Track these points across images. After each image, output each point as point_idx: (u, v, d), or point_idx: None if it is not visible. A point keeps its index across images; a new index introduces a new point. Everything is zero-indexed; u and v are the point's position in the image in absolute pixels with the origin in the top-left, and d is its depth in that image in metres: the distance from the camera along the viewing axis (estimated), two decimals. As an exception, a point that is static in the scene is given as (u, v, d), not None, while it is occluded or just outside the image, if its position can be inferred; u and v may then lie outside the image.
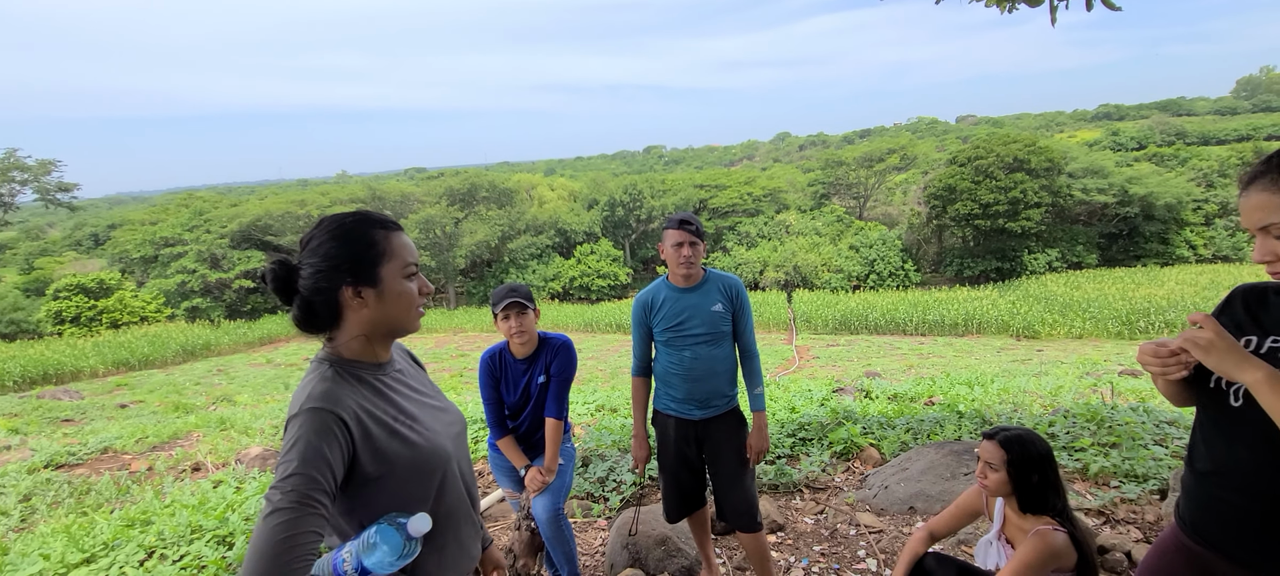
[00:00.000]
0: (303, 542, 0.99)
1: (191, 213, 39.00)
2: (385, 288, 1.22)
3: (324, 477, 1.05)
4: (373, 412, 1.18)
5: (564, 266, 39.57)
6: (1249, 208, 1.19)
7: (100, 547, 3.77)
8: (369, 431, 1.16)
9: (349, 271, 1.20)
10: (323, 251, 1.20)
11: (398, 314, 1.25)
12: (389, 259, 1.23)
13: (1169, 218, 35.22)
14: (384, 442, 1.18)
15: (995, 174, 34.26)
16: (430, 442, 1.25)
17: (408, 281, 1.25)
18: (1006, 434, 2.05)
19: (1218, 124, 58.84)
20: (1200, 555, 1.34)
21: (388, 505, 1.19)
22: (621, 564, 3.11)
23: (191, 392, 16.72)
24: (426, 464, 1.23)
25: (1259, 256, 1.19)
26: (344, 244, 1.20)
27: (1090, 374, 10.79)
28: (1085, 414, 4.82)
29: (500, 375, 2.79)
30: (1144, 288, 28.33)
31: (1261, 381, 1.12)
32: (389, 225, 1.26)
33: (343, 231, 1.22)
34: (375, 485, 1.17)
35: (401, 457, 1.19)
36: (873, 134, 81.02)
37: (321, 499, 1.04)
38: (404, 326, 1.28)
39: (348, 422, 1.13)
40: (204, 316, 33.90)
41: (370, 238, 1.22)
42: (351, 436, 1.13)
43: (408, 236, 1.29)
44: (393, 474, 1.18)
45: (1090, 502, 3.48)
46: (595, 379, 16.04)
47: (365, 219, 1.24)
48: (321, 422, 1.09)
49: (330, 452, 1.08)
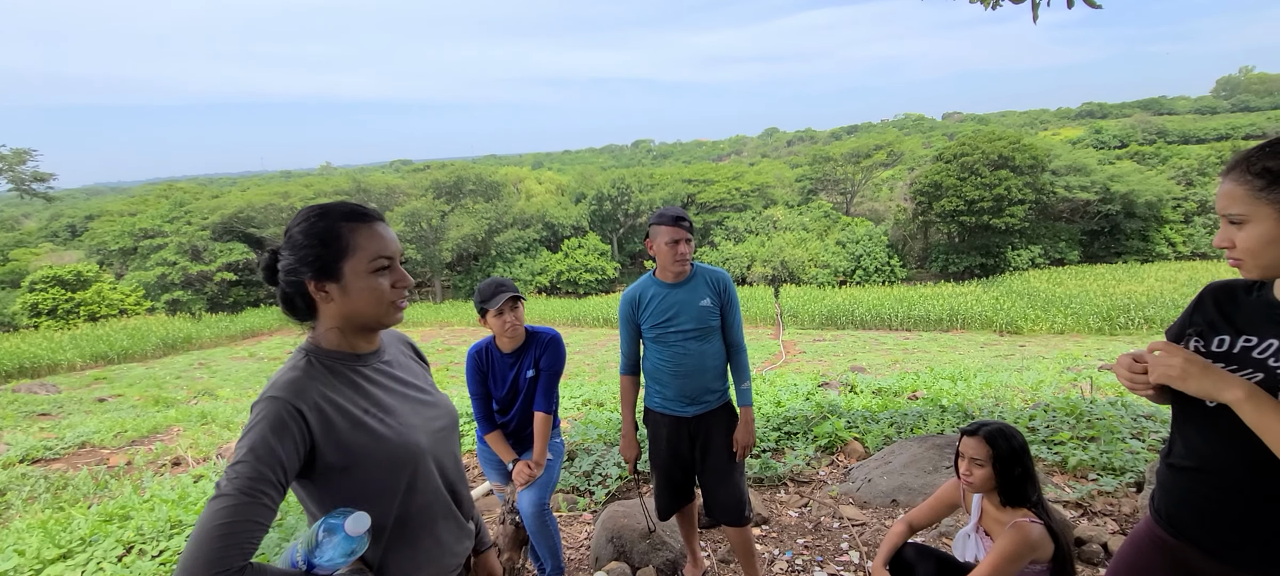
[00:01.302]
0: (240, 531, 0.99)
1: (171, 204, 38.35)
2: (348, 283, 1.20)
3: (270, 469, 1.05)
4: (340, 404, 1.18)
5: (551, 260, 39.46)
6: (1219, 194, 1.25)
7: (77, 543, 3.72)
8: (331, 423, 1.15)
9: (311, 266, 1.19)
10: (292, 244, 1.20)
11: (364, 309, 1.22)
12: (353, 253, 1.20)
13: (1149, 215, 35.81)
14: (346, 435, 1.17)
15: (980, 171, 34.61)
16: (400, 437, 1.23)
17: (377, 276, 1.22)
18: (988, 428, 2.06)
19: (1198, 123, 59.84)
20: (1174, 547, 1.36)
21: (355, 496, 1.19)
22: (607, 557, 3.11)
23: (172, 386, 16.49)
24: (394, 458, 1.22)
25: (1219, 241, 1.25)
26: (307, 238, 1.19)
27: (1070, 369, 10.95)
28: (1065, 408, 4.89)
29: (487, 370, 2.78)
30: (1124, 284, 28.81)
31: (1242, 399, 1.15)
32: (359, 216, 1.22)
33: (308, 225, 1.20)
34: (340, 476, 1.18)
35: (366, 450, 1.18)
36: (860, 130, 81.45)
37: (265, 489, 1.04)
38: (375, 321, 1.25)
39: (305, 414, 1.12)
40: (185, 309, 33.39)
41: (334, 232, 1.19)
42: (309, 428, 1.13)
43: (385, 227, 1.25)
44: (358, 466, 1.18)
45: (1068, 495, 3.53)
46: (582, 373, 16.03)
47: (331, 212, 1.21)
48: (276, 413, 1.10)
49: (280, 444, 1.08)
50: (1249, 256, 1.21)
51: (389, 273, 1.24)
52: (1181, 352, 1.23)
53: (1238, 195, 1.20)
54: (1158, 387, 1.33)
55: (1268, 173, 1.16)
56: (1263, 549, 1.23)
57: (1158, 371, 1.24)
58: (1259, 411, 1.13)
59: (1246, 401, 1.14)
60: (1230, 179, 1.22)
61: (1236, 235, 1.21)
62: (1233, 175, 1.22)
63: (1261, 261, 1.20)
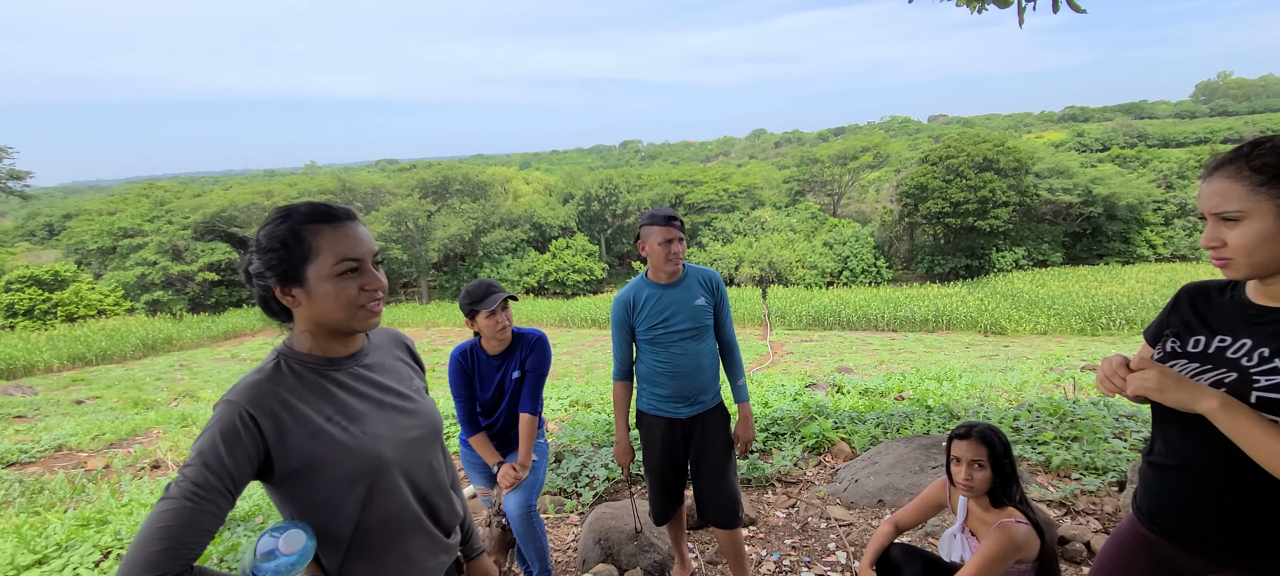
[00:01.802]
0: (181, 534, 0.99)
1: (152, 203, 37.79)
2: (312, 288, 1.16)
3: (216, 476, 1.04)
4: (300, 411, 1.15)
5: (539, 261, 39.34)
6: (1208, 192, 1.21)
7: (53, 549, 3.64)
8: (285, 431, 1.13)
9: (275, 272, 1.16)
10: (259, 250, 1.18)
11: (329, 313, 1.18)
12: (315, 257, 1.15)
13: (1130, 217, 36.40)
14: (301, 443, 1.14)
15: (965, 173, 35.00)
16: (362, 447, 1.19)
17: (342, 279, 1.16)
18: (979, 428, 2.07)
19: (1177, 127, 61.02)
20: (1156, 543, 1.38)
21: (314, 504, 1.17)
22: (594, 559, 3.10)
23: (152, 388, 16.25)
24: (354, 468, 1.18)
25: (1206, 241, 1.23)
26: (270, 242, 1.16)
27: (1054, 369, 11.09)
28: (1048, 408, 4.94)
29: (473, 372, 2.75)
30: (1106, 285, 29.26)
31: (1217, 410, 1.16)
32: (323, 217, 1.17)
33: (270, 228, 1.17)
34: (298, 483, 1.16)
35: (324, 459, 1.15)
36: (847, 132, 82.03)
37: (210, 495, 1.03)
38: (344, 325, 1.20)
39: (258, 420, 1.11)
40: (165, 310, 32.92)
41: (296, 235, 1.15)
42: (262, 434, 1.11)
43: (354, 227, 1.19)
44: (315, 474, 1.16)
45: (1052, 494, 3.57)
46: (569, 374, 15.99)
47: (294, 214, 1.17)
48: (228, 418, 1.09)
49: (229, 449, 1.07)
50: (1242, 254, 1.19)
51: (357, 275, 1.18)
52: (1156, 368, 1.23)
53: (1233, 192, 1.17)
54: None
55: (1268, 168, 1.14)
56: (1241, 544, 1.24)
57: (1135, 385, 1.25)
58: (1233, 421, 1.15)
59: (1220, 411, 1.16)
60: (1223, 176, 1.19)
61: (1228, 233, 1.19)
62: (1226, 171, 1.19)
63: (1255, 260, 1.18)
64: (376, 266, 1.22)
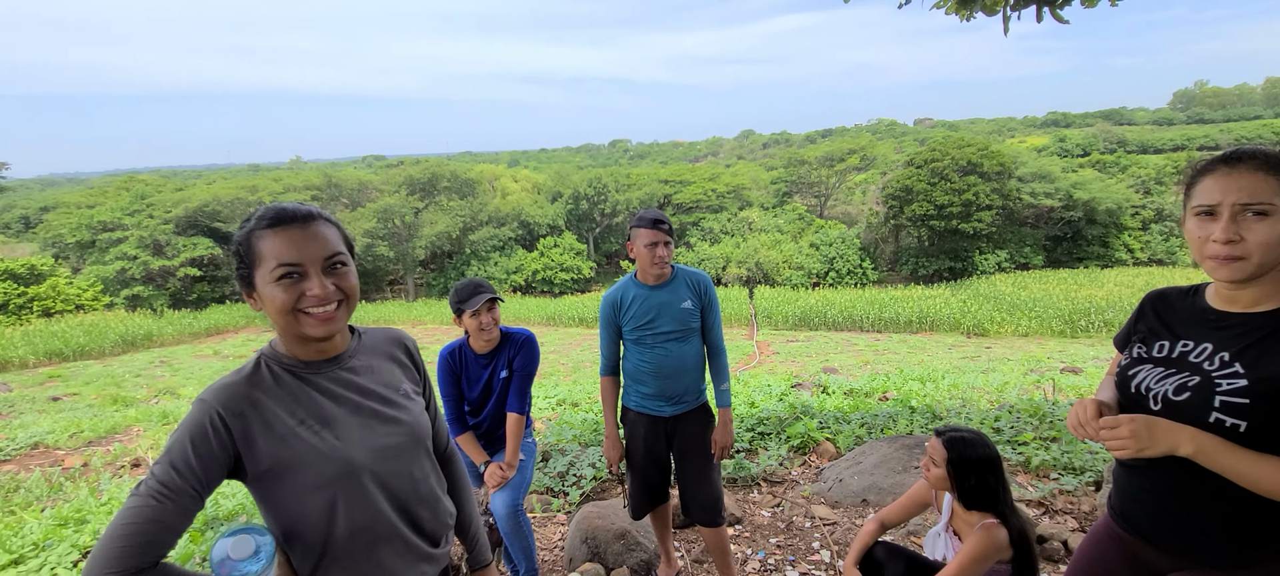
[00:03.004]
0: (146, 532, 0.99)
1: (133, 196, 37.13)
2: (260, 293, 1.15)
3: (182, 475, 1.05)
4: (272, 413, 1.15)
5: (527, 259, 39.21)
6: (1233, 184, 1.17)
7: (30, 548, 3.59)
8: (253, 433, 1.13)
9: (239, 279, 1.18)
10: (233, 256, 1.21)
11: (276, 319, 1.15)
12: (259, 263, 1.13)
13: (1109, 222, 37.04)
14: (270, 446, 1.13)
15: (950, 176, 35.40)
16: (332, 453, 1.17)
17: (277, 285, 1.12)
18: (953, 434, 2.11)
19: (1155, 134, 62.11)
20: (1129, 542, 1.42)
21: (286, 508, 1.17)
22: (581, 558, 3.11)
23: (131, 385, 15.97)
24: (321, 474, 1.16)
25: (1223, 234, 1.18)
26: (234, 250, 1.18)
27: (1034, 370, 11.26)
28: (1028, 409, 5.03)
29: (460, 371, 2.75)
30: (1085, 288, 29.73)
31: (1196, 453, 1.19)
32: (274, 221, 1.14)
33: (234, 238, 1.18)
34: (268, 485, 1.16)
35: (292, 463, 1.15)
36: (834, 134, 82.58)
37: (174, 495, 1.03)
38: (292, 331, 1.16)
39: (228, 421, 1.11)
40: (146, 305, 32.38)
41: (247, 241, 1.15)
42: (231, 435, 1.11)
43: (304, 230, 1.13)
44: (283, 478, 1.15)
45: (1031, 493, 3.63)
46: (557, 373, 15.96)
47: (250, 220, 1.16)
48: (198, 417, 1.10)
49: (196, 450, 1.07)
50: (1260, 252, 1.17)
51: (298, 281, 1.12)
52: (1129, 423, 1.23)
53: (1266, 186, 1.15)
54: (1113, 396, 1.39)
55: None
56: (1209, 542, 1.29)
57: (1113, 447, 1.26)
58: (1216, 459, 1.18)
59: (1199, 454, 1.19)
60: (1249, 169, 1.17)
61: (1252, 228, 1.16)
62: (1251, 165, 1.17)
63: (1270, 258, 1.17)
64: (335, 270, 1.16)
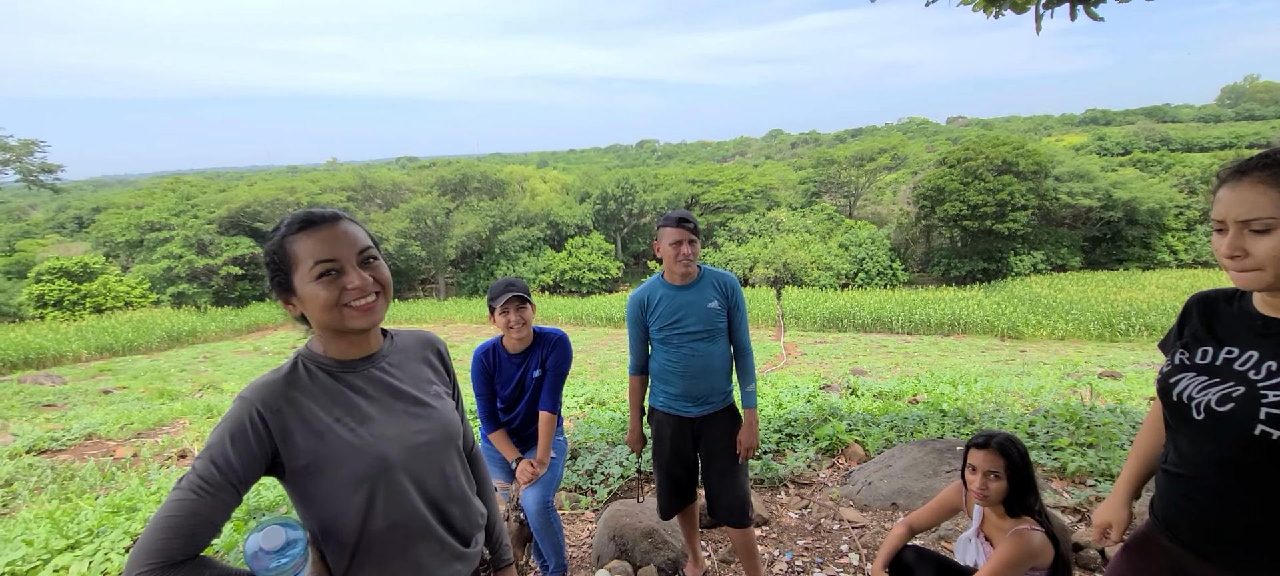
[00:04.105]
0: (187, 525, 1.02)
1: (178, 197, 38.51)
2: (301, 294, 1.19)
3: (221, 471, 1.08)
4: (309, 411, 1.19)
5: (555, 259, 39.49)
6: (1233, 200, 1.16)
7: (85, 534, 3.75)
8: (291, 430, 1.16)
9: (274, 286, 1.22)
10: (265, 265, 1.25)
11: (319, 316, 1.19)
12: (297, 265, 1.18)
13: (1151, 222, 35.77)
14: (307, 443, 1.17)
15: (984, 176, 34.59)
16: (367, 449, 1.20)
17: (319, 283, 1.17)
18: (998, 438, 2.08)
19: (1202, 131, 59.72)
20: (1171, 550, 1.39)
21: (321, 503, 1.20)
22: (608, 555, 3.15)
23: (177, 379, 16.56)
24: (356, 470, 1.19)
25: (1228, 249, 1.17)
26: (268, 258, 1.22)
27: (1071, 375, 10.96)
28: (1064, 414, 4.91)
29: (494, 370, 2.81)
30: (1125, 291, 28.78)
31: None
32: (304, 225, 1.19)
33: (267, 246, 1.22)
34: (305, 481, 1.19)
35: (328, 460, 1.18)
36: (864, 133, 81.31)
37: (214, 490, 1.07)
38: (331, 327, 1.21)
39: (267, 418, 1.15)
40: (190, 302, 33.54)
41: (281, 247, 1.19)
42: (270, 432, 1.15)
43: (335, 229, 1.19)
44: (320, 474, 1.18)
45: (1067, 500, 3.56)
46: (584, 372, 16.07)
47: (280, 226, 1.21)
48: (238, 415, 1.14)
49: (235, 446, 1.11)
50: (1273, 265, 1.14)
51: (338, 277, 1.17)
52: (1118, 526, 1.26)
53: (1264, 200, 1.13)
54: None
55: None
56: (1248, 552, 1.26)
57: None
58: None
59: None
60: (1252, 183, 1.14)
61: (1256, 243, 1.15)
62: (1254, 178, 1.14)
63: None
64: (369, 264, 1.21)
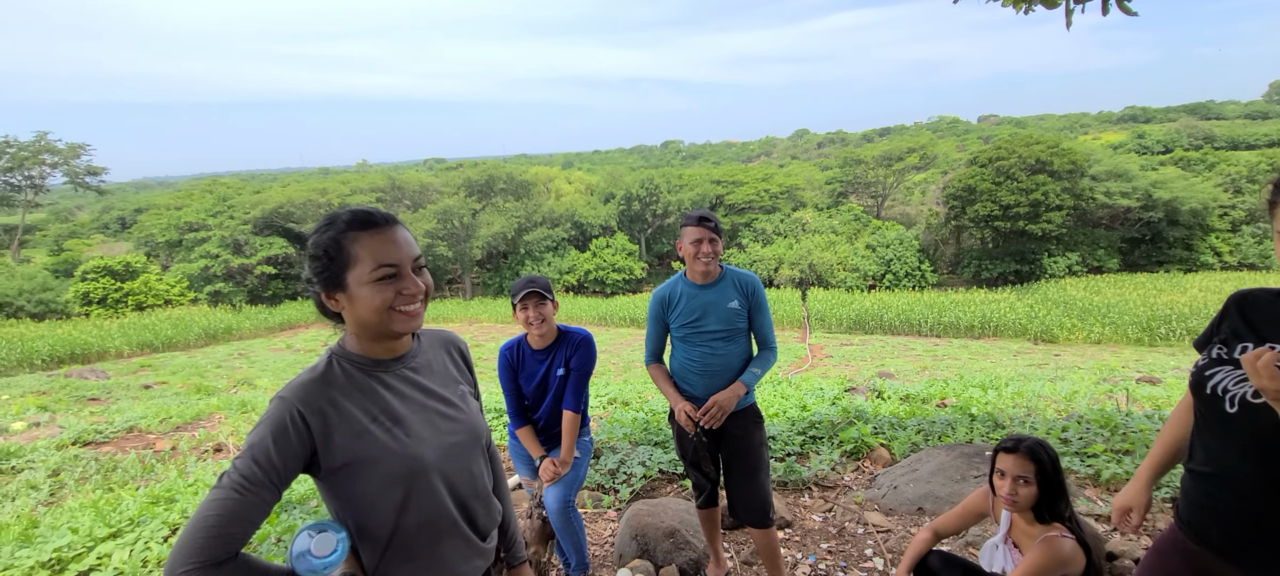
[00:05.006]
0: (227, 525, 1.03)
1: (215, 198, 39.64)
2: (353, 293, 1.19)
3: (264, 470, 1.09)
4: (347, 411, 1.20)
5: (579, 259, 39.68)
6: None
7: (126, 523, 3.90)
8: (332, 430, 1.18)
9: (320, 278, 1.21)
10: (308, 256, 1.24)
11: (370, 318, 1.21)
12: (355, 264, 1.18)
13: (1194, 223, 34.51)
14: (346, 443, 1.18)
15: (1016, 175, 33.78)
16: (404, 449, 1.23)
17: (379, 285, 1.19)
18: (1027, 443, 2.03)
19: (1248, 128, 57.43)
20: (1196, 553, 1.37)
21: (356, 503, 1.22)
22: (630, 554, 3.16)
23: (213, 375, 17.05)
24: (394, 470, 1.22)
25: None
26: (315, 251, 1.22)
27: (1107, 380, 10.65)
28: (1099, 420, 4.78)
29: (518, 367, 2.84)
30: (1166, 294, 27.83)
31: None
32: (363, 224, 1.20)
33: (315, 239, 1.22)
34: (341, 480, 1.20)
35: (367, 460, 1.20)
36: (892, 132, 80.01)
37: (256, 489, 1.08)
38: (381, 330, 1.23)
39: (307, 418, 1.15)
40: (226, 301, 34.51)
41: (338, 243, 1.19)
42: (310, 432, 1.16)
43: (395, 233, 1.21)
44: (357, 474, 1.20)
45: (1101, 508, 3.47)
46: (608, 372, 16.12)
47: (336, 221, 1.21)
48: (278, 415, 1.14)
49: (278, 446, 1.12)
50: None
51: (396, 281, 1.20)
52: None
53: None
54: None
55: None
56: (1276, 554, 1.23)
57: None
58: None
59: None
60: None
61: None
62: None
63: None
64: (419, 271, 1.24)
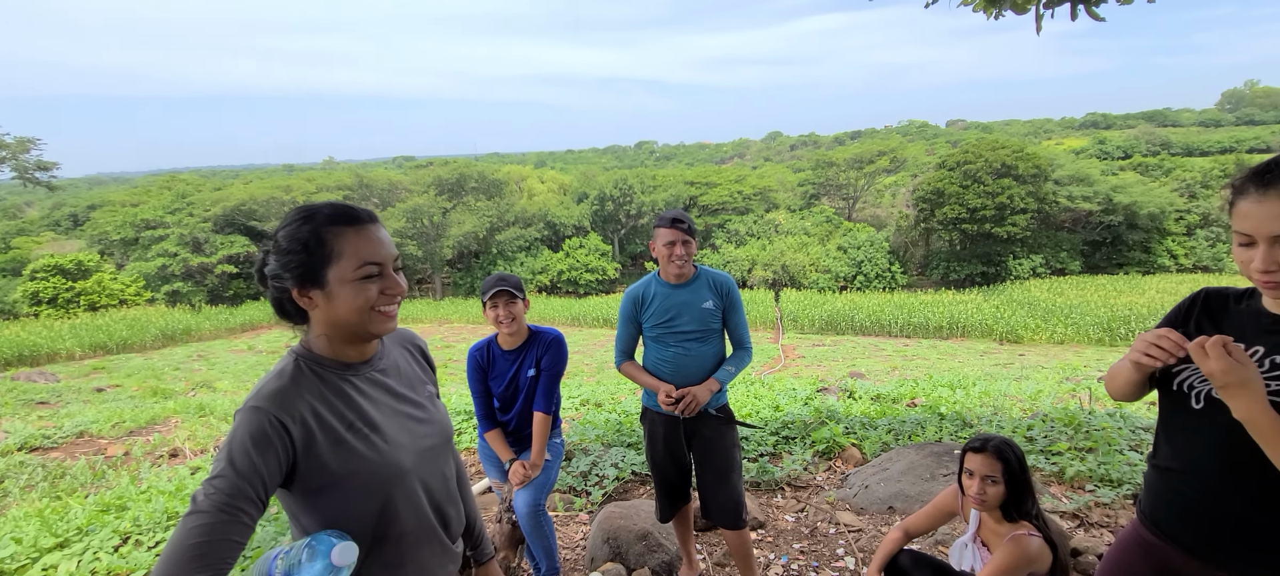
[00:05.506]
0: (215, 550, 0.96)
1: (174, 195, 38.46)
2: (333, 291, 1.14)
3: (250, 483, 1.02)
4: (324, 417, 1.13)
5: (552, 259, 39.48)
6: (1268, 215, 1.14)
7: (74, 532, 3.72)
8: (313, 438, 1.11)
9: (294, 273, 1.14)
10: (276, 250, 1.16)
11: (346, 317, 1.15)
12: (337, 260, 1.13)
13: (1152, 227, 35.86)
14: (327, 452, 1.12)
15: (983, 179, 34.65)
16: (384, 457, 1.18)
17: (362, 283, 1.14)
18: (994, 442, 2.05)
19: (1202, 136, 59.90)
20: (1157, 547, 1.39)
21: (334, 514, 1.15)
22: (602, 558, 3.11)
23: (171, 378, 16.52)
24: (376, 479, 1.17)
25: (1264, 264, 1.15)
26: (290, 243, 1.14)
27: (1069, 379, 10.94)
28: (1063, 418, 4.89)
29: (487, 367, 2.78)
30: (1125, 295, 28.83)
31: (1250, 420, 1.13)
32: (346, 220, 1.15)
33: (292, 229, 1.15)
34: (318, 493, 1.14)
35: (347, 469, 1.14)
36: (863, 136, 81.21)
37: (243, 506, 1.00)
38: (361, 330, 1.18)
39: (288, 427, 1.08)
40: (185, 301, 33.51)
41: (318, 237, 1.13)
42: (292, 442, 1.09)
43: (376, 231, 1.17)
44: (337, 484, 1.14)
45: (1065, 505, 3.53)
46: (581, 373, 16.04)
47: (316, 215, 1.15)
48: (258, 425, 1.06)
49: (262, 458, 1.04)
50: None
51: (379, 280, 1.16)
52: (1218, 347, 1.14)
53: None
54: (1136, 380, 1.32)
55: None
56: (1241, 548, 1.25)
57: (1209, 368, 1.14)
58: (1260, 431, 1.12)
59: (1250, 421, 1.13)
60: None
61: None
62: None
63: None
64: (397, 271, 1.21)
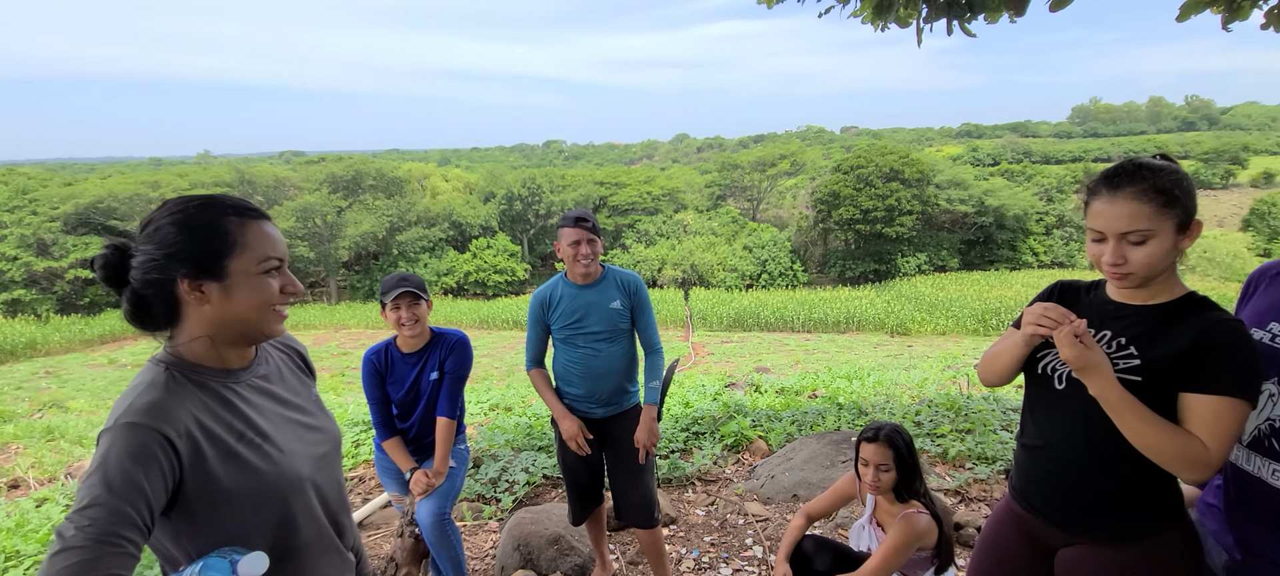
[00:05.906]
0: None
1: (12, 191, 33.78)
2: (233, 283, 1.06)
3: (134, 509, 0.88)
4: (211, 429, 1.03)
5: (459, 261, 38.24)
6: (1116, 214, 1.26)
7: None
8: (201, 452, 1.00)
9: (188, 261, 1.03)
10: (160, 237, 1.04)
11: (247, 314, 1.08)
12: (241, 251, 1.06)
13: (1017, 227, 39.87)
14: (216, 467, 1.02)
15: (874, 182, 37.13)
16: (278, 467, 1.10)
17: (264, 277, 1.09)
18: (886, 431, 2.17)
19: (1056, 145, 67.42)
20: (1025, 519, 1.52)
21: (222, 535, 1.04)
22: (513, 565, 3.02)
23: (11, 398, 14.51)
24: (270, 492, 1.08)
25: (1113, 259, 1.28)
26: (186, 230, 1.04)
27: (951, 367, 11.90)
28: (946, 403, 5.29)
29: (386, 372, 2.63)
30: (996, 289, 31.88)
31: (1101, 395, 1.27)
32: (248, 212, 1.10)
33: (184, 216, 1.05)
34: (206, 512, 1.02)
35: (239, 484, 1.04)
36: (766, 140, 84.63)
37: (128, 535, 0.87)
38: (256, 330, 1.12)
39: (174, 442, 0.96)
40: (28, 310, 29.57)
41: (220, 225, 1.06)
42: (178, 458, 0.97)
43: (273, 228, 1.13)
44: (228, 501, 1.03)
45: (949, 483, 3.82)
46: (490, 377, 15.63)
47: (215, 203, 1.08)
48: (138, 442, 0.93)
49: (145, 478, 0.91)
50: (1144, 270, 1.27)
51: (278, 276, 1.12)
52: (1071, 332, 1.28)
53: (1143, 212, 1.24)
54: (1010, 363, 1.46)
55: (1167, 191, 1.24)
56: (1099, 518, 1.39)
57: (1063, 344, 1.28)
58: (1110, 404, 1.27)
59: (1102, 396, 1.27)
60: (1130, 197, 1.25)
61: (1134, 251, 1.26)
62: (1132, 193, 1.25)
63: (1153, 271, 1.28)
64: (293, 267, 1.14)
